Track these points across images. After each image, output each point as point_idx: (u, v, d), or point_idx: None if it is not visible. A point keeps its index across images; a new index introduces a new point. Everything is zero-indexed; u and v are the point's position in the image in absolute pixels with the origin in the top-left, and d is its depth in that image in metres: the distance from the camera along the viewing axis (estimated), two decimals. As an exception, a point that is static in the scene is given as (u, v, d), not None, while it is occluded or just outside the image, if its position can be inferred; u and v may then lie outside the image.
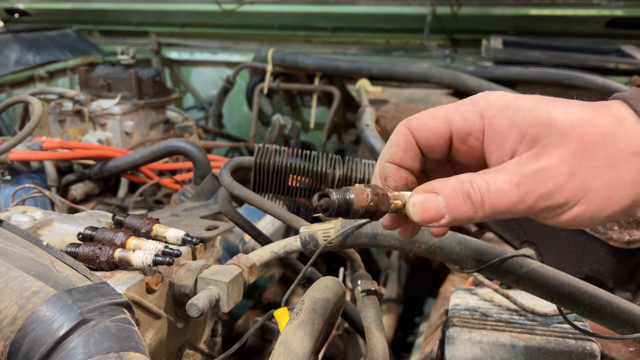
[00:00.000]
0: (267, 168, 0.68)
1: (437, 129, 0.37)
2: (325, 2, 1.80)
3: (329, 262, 1.30)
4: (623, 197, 0.32)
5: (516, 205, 0.33)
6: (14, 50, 1.59)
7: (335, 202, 0.32)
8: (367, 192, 0.33)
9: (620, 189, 0.32)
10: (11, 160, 0.97)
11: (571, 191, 0.32)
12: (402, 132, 0.38)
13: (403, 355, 1.05)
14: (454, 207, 0.34)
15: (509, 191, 0.33)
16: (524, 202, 0.33)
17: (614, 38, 1.60)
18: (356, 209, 0.33)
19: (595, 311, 0.47)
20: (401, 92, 1.38)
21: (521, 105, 0.34)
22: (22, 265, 0.42)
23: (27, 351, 0.37)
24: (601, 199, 0.32)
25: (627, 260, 0.62)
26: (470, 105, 0.36)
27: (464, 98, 0.38)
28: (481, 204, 0.33)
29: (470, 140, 0.36)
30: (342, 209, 0.32)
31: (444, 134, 0.37)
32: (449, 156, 0.39)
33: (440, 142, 0.37)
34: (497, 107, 0.35)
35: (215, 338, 0.67)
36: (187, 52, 1.92)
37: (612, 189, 0.32)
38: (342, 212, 0.32)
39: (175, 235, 0.57)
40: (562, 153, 0.32)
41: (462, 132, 0.36)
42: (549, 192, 0.32)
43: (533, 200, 0.33)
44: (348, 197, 0.32)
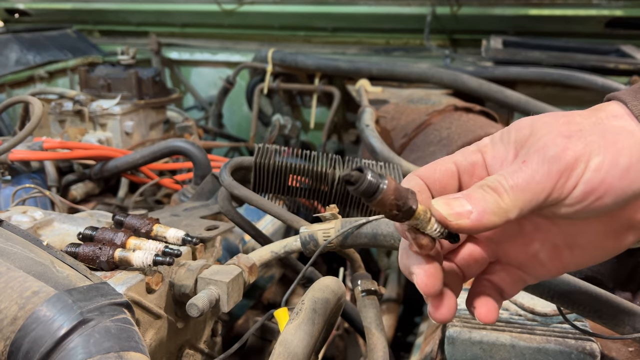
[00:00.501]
0: (267, 168, 0.68)
1: (446, 168, 0.38)
2: (325, 3, 1.80)
3: (329, 262, 1.30)
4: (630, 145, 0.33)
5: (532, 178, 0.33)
6: (14, 50, 1.60)
7: (366, 179, 0.30)
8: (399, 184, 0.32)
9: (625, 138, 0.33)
10: (11, 160, 0.97)
11: (576, 148, 0.33)
12: (414, 181, 0.38)
13: (403, 355, 1.05)
14: (477, 199, 0.33)
15: (519, 169, 0.34)
16: (538, 173, 0.33)
17: (614, 38, 1.60)
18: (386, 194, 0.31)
19: (595, 311, 0.47)
20: (401, 92, 1.38)
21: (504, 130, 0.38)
22: (22, 265, 0.42)
23: (27, 351, 0.37)
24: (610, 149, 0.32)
25: (627, 260, 0.62)
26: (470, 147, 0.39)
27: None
28: (502, 188, 0.33)
29: (476, 171, 0.38)
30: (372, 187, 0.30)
31: (452, 171, 0.38)
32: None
33: (451, 180, 0.38)
34: (487, 139, 0.39)
35: (215, 338, 0.67)
36: (187, 52, 1.92)
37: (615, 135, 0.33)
38: (369, 191, 0.30)
39: (176, 235, 0.57)
40: (551, 129, 0.34)
41: (467, 165, 0.38)
42: (555, 154, 0.33)
43: (544, 168, 0.33)
44: (381, 180, 0.30)
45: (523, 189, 0.33)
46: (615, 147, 0.33)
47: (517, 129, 0.36)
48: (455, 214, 0.33)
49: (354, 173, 0.31)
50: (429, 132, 1.03)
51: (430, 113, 1.08)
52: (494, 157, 0.37)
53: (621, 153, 0.32)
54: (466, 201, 0.33)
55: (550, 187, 0.33)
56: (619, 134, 0.33)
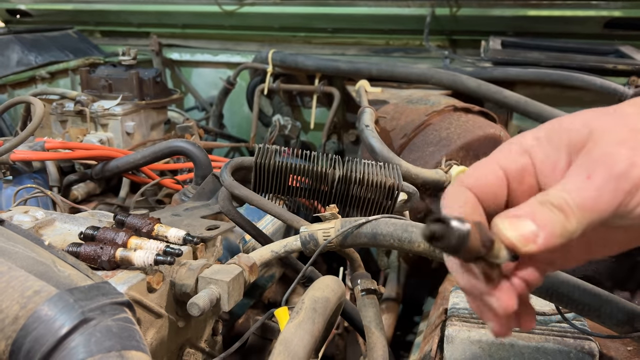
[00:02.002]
0: (268, 168, 0.68)
1: (496, 177, 0.35)
2: (325, 4, 1.80)
3: (329, 261, 1.31)
4: None
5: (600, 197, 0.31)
6: (15, 51, 1.60)
7: (453, 229, 0.26)
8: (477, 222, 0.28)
9: None
10: (13, 160, 0.97)
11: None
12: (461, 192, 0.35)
13: (402, 354, 1.05)
14: (543, 220, 0.31)
15: (585, 186, 0.31)
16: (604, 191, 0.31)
17: (613, 39, 1.61)
18: (473, 237, 0.27)
19: (593, 310, 0.48)
20: (400, 92, 1.38)
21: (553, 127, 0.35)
22: (23, 265, 0.43)
23: (28, 350, 0.37)
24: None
25: (626, 259, 0.62)
26: (508, 148, 0.36)
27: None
28: (568, 207, 0.31)
29: (526, 178, 0.35)
30: (461, 237, 0.26)
31: (502, 179, 0.35)
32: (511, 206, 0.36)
33: (501, 190, 0.35)
34: (532, 141, 0.35)
35: (216, 337, 0.67)
36: (187, 53, 1.93)
37: None
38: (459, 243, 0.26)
39: (177, 235, 0.57)
40: (613, 138, 0.31)
41: (515, 170, 0.35)
42: (622, 170, 0.30)
43: (612, 185, 0.30)
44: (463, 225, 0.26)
45: (590, 209, 0.31)
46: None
47: (570, 130, 0.33)
48: (523, 239, 0.30)
49: (436, 227, 0.26)
50: (428, 133, 1.04)
51: (430, 113, 1.08)
52: (544, 161, 0.34)
53: None
54: (531, 222, 0.31)
55: (617, 206, 0.31)
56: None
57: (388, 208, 0.70)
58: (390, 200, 0.69)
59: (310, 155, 0.70)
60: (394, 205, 0.69)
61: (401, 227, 0.55)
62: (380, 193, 0.68)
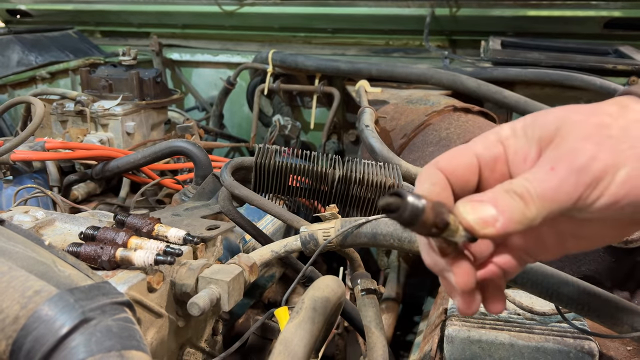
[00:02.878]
0: (268, 168, 0.68)
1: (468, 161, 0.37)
2: (325, 4, 1.80)
3: (329, 261, 1.31)
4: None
5: (560, 188, 0.33)
6: (16, 51, 1.60)
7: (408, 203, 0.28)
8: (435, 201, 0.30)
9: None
10: (13, 160, 0.97)
11: (603, 159, 0.32)
12: (433, 173, 0.37)
13: (402, 353, 1.05)
14: (504, 206, 0.33)
15: (547, 177, 0.33)
16: (565, 183, 0.32)
17: (612, 39, 1.61)
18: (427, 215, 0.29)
19: (593, 310, 0.48)
20: (400, 92, 1.39)
21: (526, 121, 0.37)
22: (24, 265, 0.43)
23: (29, 350, 0.37)
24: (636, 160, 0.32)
25: (625, 259, 0.62)
26: (484, 138, 0.38)
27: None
28: (529, 195, 0.33)
29: (498, 166, 0.37)
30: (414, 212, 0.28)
31: (473, 164, 0.38)
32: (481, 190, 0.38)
33: (472, 176, 0.38)
34: (507, 132, 0.37)
35: (216, 337, 0.67)
36: (188, 53, 1.93)
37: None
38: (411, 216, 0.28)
39: (177, 234, 0.58)
40: (579, 133, 0.33)
41: (488, 159, 0.37)
42: (583, 164, 0.32)
43: (572, 179, 0.32)
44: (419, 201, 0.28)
45: (550, 198, 0.33)
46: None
47: (542, 125, 0.35)
48: (482, 222, 0.33)
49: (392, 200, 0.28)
50: (428, 133, 1.04)
51: (430, 114, 1.08)
52: (516, 152, 0.36)
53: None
54: (492, 207, 0.33)
55: (577, 198, 0.33)
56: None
57: (388, 208, 0.69)
58: (390, 200, 0.69)
59: (310, 155, 0.70)
60: (394, 205, 0.69)
61: (401, 227, 0.55)
62: (380, 193, 0.68)
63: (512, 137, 0.37)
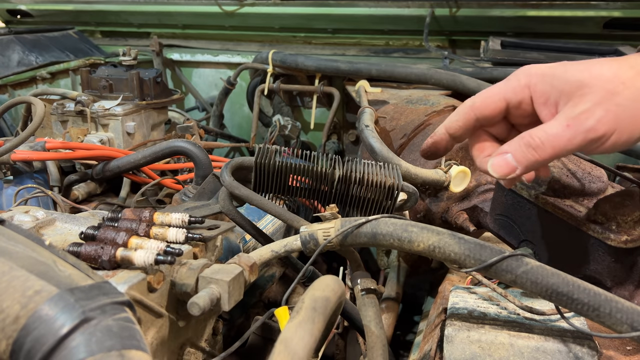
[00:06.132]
0: (268, 168, 0.68)
1: (497, 105, 0.49)
2: (325, 4, 1.80)
3: (329, 261, 1.31)
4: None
5: (570, 142, 0.43)
6: (16, 52, 1.60)
7: None
8: None
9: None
10: (14, 160, 0.97)
11: (606, 123, 0.42)
12: (465, 112, 0.51)
13: (402, 353, 1.06)
14: (521, 158, 0.46)
15: (562, 132, 0.44)
16: (575, 138, 0.43)
17: (612, 39, 1.61)
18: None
19: (593, 310, 0.48)
20: (400, 93, 1.39)
21: (555, 73, 0.46)
22: (24, 265, 0.43)
23: (29, 350, 0.37)
24: (632, 127, 0.42)
25: (625, 259, 0.62)
26: (516, 81, 0.48)
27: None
28: (542, 147, 0.45)
29: (523, 105, 0.49)
30: None
31: (502, 107, 0.49)
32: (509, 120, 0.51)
33: (499, 114, 0.50)
34: (537, 77, 0.47)
35: (216, 336, 0.67)
36: (188, 53, 1.93)
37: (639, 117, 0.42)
38: None
39: (177, 235, 0.58)
40: (594, 98, 0.42)
41: (515, 102, 0.49)
42: (590, 127, 0.43)
43: (581, 136, 0.43)
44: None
45: (561, 149, 0.44)
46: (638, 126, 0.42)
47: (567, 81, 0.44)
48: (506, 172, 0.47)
49: None
50: (428, 133, 1.04)
51: (429, 114, 1.08)
52: (540, 95, 0.46)
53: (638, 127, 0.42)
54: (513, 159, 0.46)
55: (580, 149, 0.44)
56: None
57: (388, 208, 0.70)
58: (390, 200, 0.69)
59: (310, 155, 0.70)
60: (394, 205, 0.69)
61: (401, 227, 0.55)
62: (380, 193, 0.68)
63: (540, 83, 0.46)
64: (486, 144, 0.53)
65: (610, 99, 0.42)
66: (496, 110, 0.49)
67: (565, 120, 0.44)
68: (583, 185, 0.67)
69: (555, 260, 0.69)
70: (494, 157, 0.48)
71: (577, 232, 0.64)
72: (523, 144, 0.46)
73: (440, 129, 0.54)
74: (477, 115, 0.50)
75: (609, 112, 0.42)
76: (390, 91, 1.40)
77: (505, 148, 0.48)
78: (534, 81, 0.47)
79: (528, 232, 0.73)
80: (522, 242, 0.75)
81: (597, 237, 0.62)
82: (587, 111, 0.42)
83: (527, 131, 0.46)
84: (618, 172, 0.73)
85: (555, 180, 0.68)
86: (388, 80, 1.43)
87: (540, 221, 0.70)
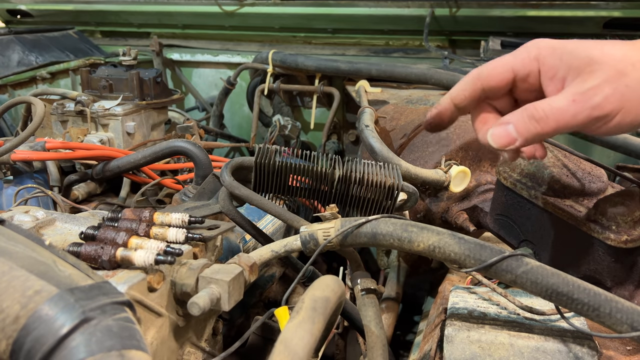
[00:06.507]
0: (268, 168, 0.68)
1: (504, 76, 0.48)
2: (325, 4, 1.80)
3: (329, 261, 1.31)
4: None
5: (574, 117, 0.43)
6: (16, 52, 1.60)
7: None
8: None
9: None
10: (14, 160, 0.97)
11: (613, 102, 0.42)
12: (471, 81, 0.49)
13: (402, 353, 1.06)
14: (522, 129, 0.45)
15: (567, 106, 0.43)
16: (580, 114, 0.42)
17: (612, 39, 1.60)
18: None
19: (593, 310, 0.48)
20: (400, 93, 1.39)
21: (566, 47, 0.45)
22: (24, 265, 0.43)
23: (29, 349, 0.37)
24: (637, 109, 0.42)
25: (625, 259, 0.62)
26: (526, 53, 0.47)
27: None
28: (545, 120, 0.43)
29: (530, 79, 0.47)
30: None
31: (509, 78, 0.48)
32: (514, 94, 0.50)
33: (506, 86, 0.49)
34: (547, 50, 0.46)
35: (216, 336, 0.67)
36: (188, 53, 1.93)
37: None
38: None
39: (177, 235, 0.58)
40: (602, 75, 0.42)
41: (523, 74, 0.47)
42: (597, 104, 0.42)
43: (586, 112, 0.42)
44: None
45: (564, 124, 0.43)
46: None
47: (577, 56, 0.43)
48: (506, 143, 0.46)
49: None
50: (428, 133, 1.04)
51: (430, 114, 1.08)
52: (548, 69, 0.45)
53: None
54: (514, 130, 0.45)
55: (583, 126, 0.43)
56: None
57: (388, 208, 0.70)
58: (390, 200, 0.69)
59: (310, 155, 0.70)
60: (393, 205, 0.69)
61: (401, 227, 0.55)
62: (380, 193, 0.68)
63: (549, 56, 0.45)
64: (489, 116, 0.52)
65: (619, 78, 0.41)
66: (503, 82, 0.48)
67: (571, 95, 0.43)
68: (583, 185, 0.67)
69: (555, 260, 0.69)
70: (495, 127, 0.47)
71: (577, 232, 0.64)
72: (526, 115, 0.44)
73: (445, 98, 0.53)
74: (484, 85, 0.49)
75: (617, 91, 0.41)
76: (390, 91, 1.40)
77: (507, 118, 0.46)
78: (543, 54, 0.46)
79: (528, 232, 0.73)
80: (522, 242, 0.75)
81: (597, 237, 0.62)
82: (595, 87, 0.42)
83: (532, 103, 0.45)
84: (618, 172, 0.73)
85: (555, 180, 0.68)
86: (388, 80, 1.43)
87: (540, 221, 0.70)
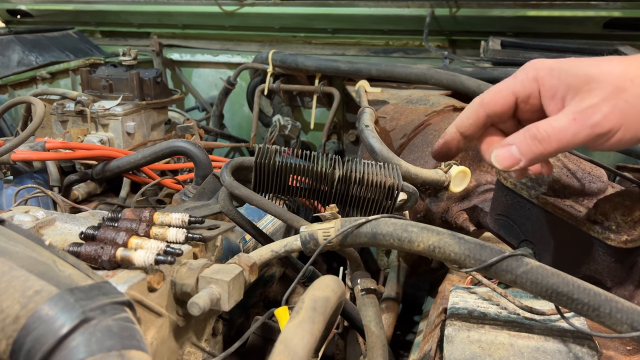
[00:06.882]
0: (268, 168, 0.68)
1: (506, 100, 0.49)
2: (325, 4, 1.80)
3: (329, 261, 1.31)
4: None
5: (575, 136, 0.43)
6: (16, 52, 1.60)
7: None
8: None
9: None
10: (14, 160, 0.97)
11: (612, 120, 0.42)
12: (475, 109, 0.50)
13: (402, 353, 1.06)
14: (525, 150, 0.46)
15: (567, 125, 0.43)
16: (580, 133, 0.43)
17: (612, 39, 1.61)
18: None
19: (593, 310, 0.48)
20: (400, 93, 1.39)
21: (563, 66, 0.46)
22: (24, 265, 0.43)
23: (29, 349, 0.37)
24: (638, 124, 0.42)
25: (625, 259, 0.62)
26: (524, 75, 0.48)
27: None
28: (547, 140, 0.44)
29: (531, 100, 0.48)
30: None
31: (511, 102, 0.49)
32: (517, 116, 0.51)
33: (509, 110, 0.50)
34: (544, 71, 0.47)
35: (216, 336, 0.67)
36: (188, 53, 1.93)
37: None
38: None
39: (177, 235, 0.58)
40: (601, 94, 0.42)
41: (524, 95, 0.48)
42: (596, 122, 0.42)
43: (587, 130, 0.43)
44: None
45: (566, 142, 0.44)
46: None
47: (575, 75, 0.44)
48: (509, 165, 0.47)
49: None
50: (427, 133, 1.04)
51: (429, 114, 1.08)
52: (548, 89, 0.46)
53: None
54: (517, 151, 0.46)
55: (584, 144, 0.44)
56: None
57: (388, 208, 0.70)
58: (390, 200, 0.69)
59: (310, 155, 0.70)
60: (393, 205, 0.69)
61: (401, 227, 0.55)
62: (380, 193, 0.68)
63: (548, 76, 0.46)
64: (494, 139, 0.52)
65: (618, 95, 0.42)
66: (506, 106, 0.49)
67: (571, 114, 0.43)
68: (583, 185, 0.67)
69: (555, 260, 0.69)
70: (498, 149, 0.48)
71: (577, 232, 0.64)
72: (528, 135, 0.45)
73: (451, 128, 0.54)
74: (487, 112, 0.50)
75: (616, 108, 0.42)
76: (390, 91, 1.40)
77: (510, 140, 0.47)
78: (541, 74, 0.47)
79: (528, 232, 0.73)
80: (522, 242, 0.75)
81: (597, 237, 0.62)
82: (594, 106, 0.42)
83: (533, 123, 0.46)
84: (618, 172, 0.73)
85: (555, 180, 0.68)
86: (388, 80, 1.43)
87: (540, 221, 0.70)
